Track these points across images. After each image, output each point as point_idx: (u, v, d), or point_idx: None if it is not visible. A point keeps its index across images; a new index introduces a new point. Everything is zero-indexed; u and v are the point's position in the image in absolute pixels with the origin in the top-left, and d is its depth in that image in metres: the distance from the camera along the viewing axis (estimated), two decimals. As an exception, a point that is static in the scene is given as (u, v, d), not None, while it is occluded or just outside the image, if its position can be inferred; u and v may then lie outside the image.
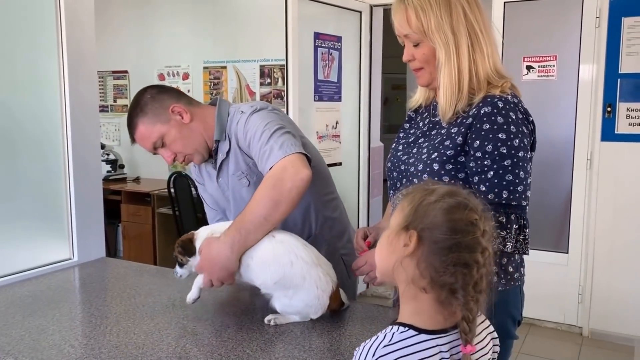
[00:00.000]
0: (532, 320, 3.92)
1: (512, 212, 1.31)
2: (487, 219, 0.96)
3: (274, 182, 1.48)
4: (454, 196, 0.95)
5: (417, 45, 1.39)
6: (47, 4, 2.02)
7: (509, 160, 1.31)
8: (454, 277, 0.91)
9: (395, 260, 0.96)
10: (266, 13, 4.56)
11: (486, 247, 0.94)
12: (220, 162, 1.74)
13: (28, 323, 1.50)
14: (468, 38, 1.35)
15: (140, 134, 1.69)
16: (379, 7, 4.42)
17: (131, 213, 4.95)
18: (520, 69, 3.79)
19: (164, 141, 1.69)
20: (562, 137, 3.75)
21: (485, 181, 1.32)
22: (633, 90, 3.53)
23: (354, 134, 4.48)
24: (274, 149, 1.53)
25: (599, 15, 3.56)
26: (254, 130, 1.61)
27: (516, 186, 1.31)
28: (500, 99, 1.33)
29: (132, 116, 1.71)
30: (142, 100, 1.72)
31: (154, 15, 5.29)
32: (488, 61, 1.37)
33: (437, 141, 1.40)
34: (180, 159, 1.73)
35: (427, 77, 1.43)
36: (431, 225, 0.92)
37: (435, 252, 0.92)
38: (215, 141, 1.73)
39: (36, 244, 2.03)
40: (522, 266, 1.46)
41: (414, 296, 0.95)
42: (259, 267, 1.47)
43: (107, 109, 5.65)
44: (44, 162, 2.08)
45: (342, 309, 1.53)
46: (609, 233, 3.68)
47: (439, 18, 1.34)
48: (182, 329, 1.44)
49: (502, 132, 1.31)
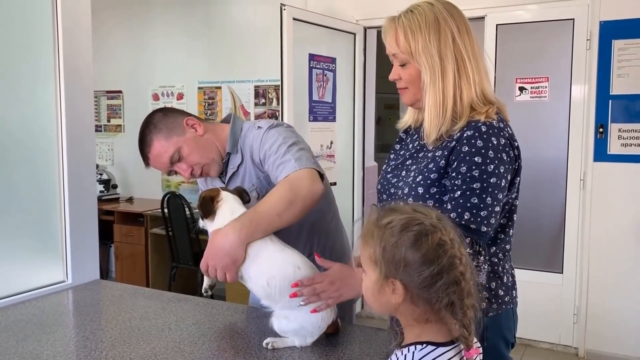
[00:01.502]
0: (528, 341, 3.91)
1: (469, 235, 1.28)
2: (447, 224, 0.98)
3: (291, 185, 1.52)
4: (409, 227, 0.95)
5: (404, 65, 1.41)
6: (45, 24, 2.03)
7: (479, 184, 1.30)
8: (449, 297, 0.94)
9: (391, 310, 0.98)
10: (261, 33, 4.60)
11: (462, 254, 0.96)
12: (230, 175, 1.76)
13: (22, 348, 1.47)
14: (455, 63, 1.36)
15: (156, 151, 1.69)
16: (373, 29, 4.47)
17: (124, 233, 4.92)
18: (513, 91, 3.83)
19: (180, 154, 1.70)
20: (555, 157, 3.78)
21: (452, 200, 1.31)
22: (624, 111, 3.58)
23: (349, 153, 4.49)
24: (290, 161, 1.58)
25: (589, 38, 3.62)
26: (271, 143, 1.64)
27: (479, 210, 1.29)
28: (484, 124, 1.33)
29: (145, 134, 1.71)
30: (153, 119, 1.73)
31: (149, 36, 5.32)
32: (474, 88, 1.37)
33: (422, 165, 1.40)
34: (198, 172, 1.73)
35: (411, 97, 1.44)
36: (407, 268, 0.94)
37: (424, 288, 0.94)
38: (227, 154, 1.75)
39: (30, 266, 2.01)
40: (514, 289, 1.46)
41: (421, 327, 0.98)
42: (263, 271, 1.46)
43: (101, 128, 5.64)
44: (39, 183, 2.06)
45: (338, 329, 1.52)
46: (604, 253, 3.69)
47: (427, 41, 1.35)
48: (179, 353, 1.42)
49: (479, 156, 1.30)
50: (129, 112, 5.55)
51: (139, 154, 1.77)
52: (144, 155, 1.73)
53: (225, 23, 4.87)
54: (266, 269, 1.45)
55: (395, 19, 1.41)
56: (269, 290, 1.44)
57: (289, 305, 1.43)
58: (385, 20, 1.43)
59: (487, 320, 1.37)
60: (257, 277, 1.46)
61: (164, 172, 1.76)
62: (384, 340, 1.50)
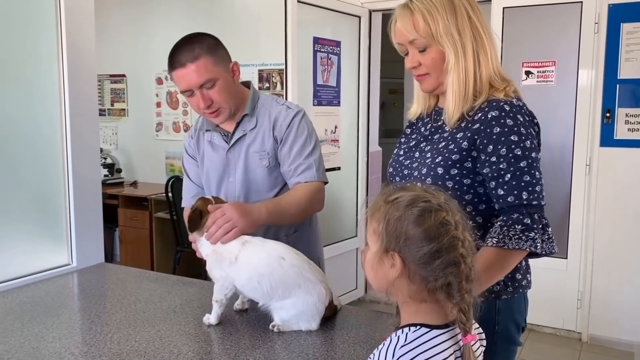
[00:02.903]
0: (531, 325, 3.91)
1: (534, 212, 1.30)
2: (454, 207, 0.98)
3: (312, 197, 1.74)
4: (415, 203, 0.95)
5: (423, 50, 1.38)
6: (48, 9, 2.01)
7: (524, 161, 1.30)
8: (446, 278, 0.93)
9: (387, 284, 0.97)
10: (264, 17, 4.56)
11: (465, 238, 0.95)
12: (238, 137, 1.81)
13: (27, 330, 1.48)
14: (473, 40, 1.35)
15: (199, 67, 1.68)
16: (378, 12, 4.43)
17: (128, 217, 4.93)
18: (519, 74, 3.79)
19: (213, 85, 1.70)
20: (561, 142, 3.75)
21: (504, 184, 1.31)
22: (632, 95, 3.54)
23: (353, 138, 4.47)
24: (312, 168, 1.77)
25: (597, 21, 3.57)
26: (299, 134, 1.79)
27: (534, 186, 1.30)
28: (506, 103, 1.33)
29: (194, 46, 1.69)
30: (207, 40, 1.74)
31: (152, 19, 5.28)
32: (492, 63, 1.37)
33: (441, 145, 1.39)
34: (212, 109, 1.73)
35: (433, 82, 1.41)
36: (408, 242, 0.94)
37: (421, 264, 0.94)
38: (244, 115, 1.80)
39: (35, 249, 2.01)
40: (529, 272, 1.45)
41: (417, 306, 0.97)
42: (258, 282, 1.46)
43: (105, 112, 5.63)
44: (43, 167, 2.06)
45: (336, 314, 1.54)
46: (608, 238, 3.68)
47: (446, 21, 1.34)
48: (184, 336, 1.43)
49: (514, 134, 1.31)
50: (133, 96, 5.53)
51: (143, 138, 1.77)
52: (180, 62, 1.69)
53: (229, 6, 4.82)
54: (253, 270, 1.45)
55: (407, 5, 1.38)
56: (262, 288, 1.45)
57: (283, 296, 1.44)
58: (397, 8, 1.40)
59: (499, 303, 1.38)
60: (248, 281, 1.46)
61: (182, 88, 1.71)
62: (389, 324, 1.50)
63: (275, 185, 1.85)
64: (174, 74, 1.71)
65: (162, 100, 5.32)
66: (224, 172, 1.84)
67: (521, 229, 1.26)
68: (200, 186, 1.91)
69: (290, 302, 1.44)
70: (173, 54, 1.71)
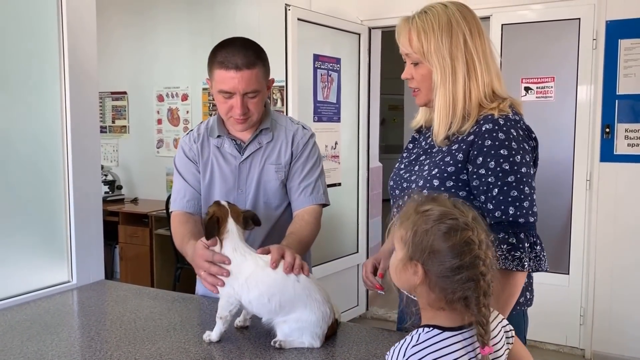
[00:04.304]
0: (534, 342, 3.88)
1: (521, 230, 1.31)
2: (479, 226, 1.02)
3: (317, 223, 1.85)
4: (445, 218, 1.00)
5: (416, 64, 1.43)
6: (50, 26, 2.03)
7: (512, 176, 1.31)
8: (464, 292, 0.98)
9: (409, 288, 1.04)
10: (265, 34, 4.59)
11: (486, 256, 1.00)
12: (253, 150, 1.83)
13: (26, 348, 1.47)
14: (465, 66, 1.38)
15: (254, 75, 1.72)
16: (377, 30, 4.46)
17: (129, 234, 4.92)
18: (519, 90, 3.81)
19: (256, 95, 1.74)
20: (561, 157, 3.76)
21: (492, 199, 1.32)
22: (631, 111, 3.56)
23: (353, 154, 4.48)
24: (320, 191, 1.87)
25: (595, 38, 3.60)
26: (311, 155, 1.88)
27: (522, 202, 1.31)
28: (501, 117, 1.35)
29: (252, 56, 1.73)
30: (262, 51, 1.80)
31: (153, 37, 5.32)
32: (483, 89, 1.39)
33: (438, 158, 1.41)
34: (245, 117, 1.76)
35: (423, 97, 1.47)
36: (433, 255, 0.99)
37: (442, 276, 0.99)
38: (264, 129, 1.84)
39: (35, 266, 2.00)
40: (529, 290, 1.45)
41: (434, 313, 1.02)
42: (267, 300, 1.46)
43: (106, 129, 5.65)
44: (44, 184, 2.06)
45: (337, 330, 1.53)
46: (610, 254, 3.67)
47: (439, 42, 1.38)
48: (184, 354, 1.42)
49: (504, 149, 1.32)
50: (134, 113, 5.56)
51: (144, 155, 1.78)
52: (235, 64, 1.69)
53: (229, 24, 4.86)
54: (266, 289, 1.44)
55: (409, 19, 1.43)
56: (270, 305, 1.44)
57: (288, 312, 1.44)
58: (399, 20, 1.46)
59: None
60: (258, 298, 1.45)
61: (226, 89, 1.71)
62: (390, 341, 1.49)
63: (282, 202, 1.87)
64: (223, 73, 1.70)
65: (163, 117, 5.34)
66: (234, 183, 1.84)
67: (507, 249, 1.28)
68: (197, 191, 1.87)
69: (293, 317, 1.43)
70: (225, 54, 1.70)
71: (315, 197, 1.86)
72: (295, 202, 1.86)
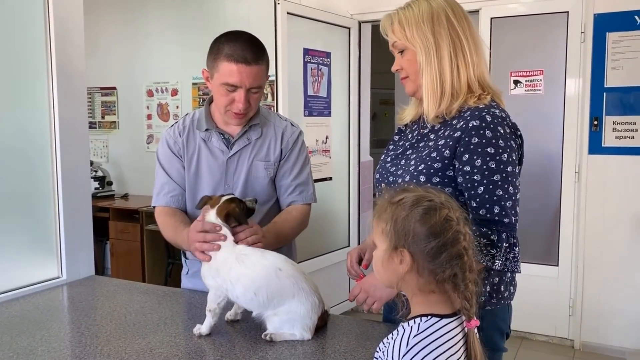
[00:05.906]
0: (524, 333, 3.92)
1: (504, 230, 1.31)
2: (453, 205, 1.05)
3: (304, 220, 1.89)
4: (420, 202, 1.03)
5: (402, 52, 1.44)
6: (37, 21, 2.01)
7: (498, 175, 1.31)
8: (452, 269, 1.01)
9: (397, 278, 1.05)
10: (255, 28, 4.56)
11: (466, 232, 1.04)
12: (242, 145, 1.83)
13: (16, 344, 1.46)
14: (451, 42, 1.38)
15: (262, 71, 1.74)
16: (367, 24, 4.46)
17: (119, 230, 4.90)
18: (508, 84, 3.83)
19: (258, 90, 1.76)
20: (550, 150, 3.78)
21: (476, 197, 1.32)
22: (619, 103, 3.58)
23: (344, 148, 4.48)
24: (309, 190, 1.91)
25: (584, 31, 3.62)
26: (301, 153, 1.90)
27: (506, 201, 1.31)
28: (488, 113, 1.34)
29: (260, 51, 1.73)
30: (265, 49, 1.79)
31: (143, 32, 5.29)
32: (473, 68, 1.39)
33: (424, 153, 1.41)
34: (246, 110, 1.76)
35: (412, 85, 1.46)
36: (415, 239, 1.02)
37: (429, 259, 1.01)
38: (254, 125, 1.84)
39: (24, 262, 2.00)
40: (512, 285, 1.47)
41: (425, 297, 1.04)
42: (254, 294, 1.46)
43: (95, 125, 5.62)
44: (33, 180, 2.05)
45: (327, 321, 1.54)
46: (598, 245, 3.71)
47: (420, 23, 1.39)
48: (175, 347, 1.42)
49: (491, 147, 1.32)
50: (124, 109, 5.53)
51: (134, 151, 1.77)
52: (245, 58, 1.68)
53: (219, 18, 4.84)
54: (250, 282, 1.45)
55: (391, 13, 1.45)
56: (258, 299, 1.44)
57: (277, 305, 1.44)
58: (382, 17, 1.47)
59: (482, 312, 1.38)
60: (244, 293, 1.46)
61: (233, 82, 1.70)
62: (380, 333, 1.50)
63: (271, 198, 1.87)
64: (231, 66, 1.68)
65: (152, 112, 5.32)
66: (221, 178, 1.84)
67: (485, 243, 1.28)
68: (182, 186, 1.86)
69: (283, 309, 1.44)
70: (234, 47, 1.69)
71: (305, 196, 1.89)
72: (285, 201, 1.88)
